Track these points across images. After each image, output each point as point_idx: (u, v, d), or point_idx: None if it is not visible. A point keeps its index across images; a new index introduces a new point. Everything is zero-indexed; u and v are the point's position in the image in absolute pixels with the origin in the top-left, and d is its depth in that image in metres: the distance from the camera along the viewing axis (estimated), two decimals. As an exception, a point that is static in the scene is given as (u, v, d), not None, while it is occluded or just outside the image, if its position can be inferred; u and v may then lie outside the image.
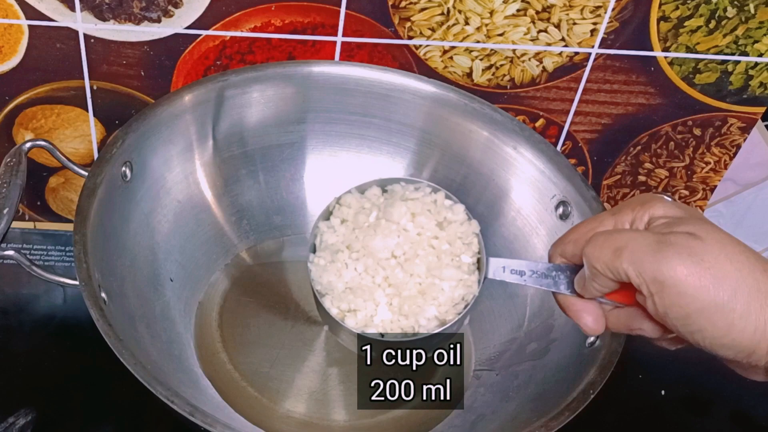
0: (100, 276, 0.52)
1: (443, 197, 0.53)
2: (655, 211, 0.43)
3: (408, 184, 0.54)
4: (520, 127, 0.66)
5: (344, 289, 0.52)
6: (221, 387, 0.60)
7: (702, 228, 0.40)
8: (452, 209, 0.52)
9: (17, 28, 0.66)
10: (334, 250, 0.52)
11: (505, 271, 0.50)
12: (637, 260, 0.40)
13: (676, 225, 0.41)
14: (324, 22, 0.68)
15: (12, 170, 0.56)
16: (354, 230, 0.53)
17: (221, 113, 0.66)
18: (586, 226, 0.46)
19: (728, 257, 0.39)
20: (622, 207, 0.45)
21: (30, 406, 0.61)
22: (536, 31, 0.70)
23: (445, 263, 0.51)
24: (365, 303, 0.51)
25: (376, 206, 0.53)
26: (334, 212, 0.54)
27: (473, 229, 0.52)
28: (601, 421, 0.65)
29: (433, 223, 0.52)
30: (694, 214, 0.43)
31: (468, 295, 0.51)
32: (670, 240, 0.40)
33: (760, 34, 0.71)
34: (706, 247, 0.39)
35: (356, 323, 0.51)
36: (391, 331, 0.51)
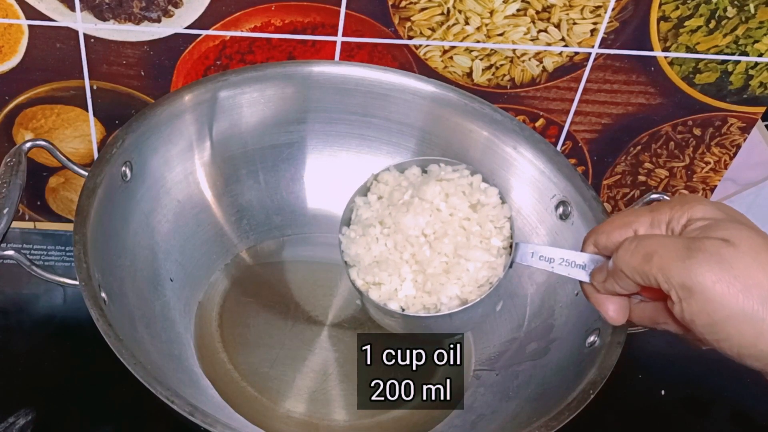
0: (100, 276, 0.52)
1: (480, 180, 0.53)
2: (695, 213, 0.43)
3: (447, 165, 0.54)
4: (520, 127, 0.66)
5: (371, 262, 0.52)
6: (221, 387, 0.60)
7: (738, 234, 0.40)
8: (486, 192, 0.52)
9: (17, 27, 0.66)
10: (366, 225, 0.53)
11: (533, 257, 0.49)
12: (666, 266, 0.40)
13: (713, 229, 0.41)
14: (324, 22, 0.68)
15: (12, 170, 0.56)
16: (388, 206, 0.53)
17: (221, 113, 0.66)
18: (622, 219, 0.45)
19: (761, 265, 0.39)
20: (661, 206, 0.44)
21: (30, 406, 0.61)
22: (536, 31, 0.70)
23: (473, 244, 0.51)
24: (390, 277, 0.52)
25: (413, 185, 0.53)
26: (371, 188, 0.55)
27: (505, 213, 0.52)
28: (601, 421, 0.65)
29: (466, 204, 0.52)
30: (734, 216, 0.42)
31: (493, 277, 0.50)
32: (701, 246, 0.40)
33: (760, 34, 0.71)
34: (738, 254, 0.39)
35: (380, 296, 0.52)
36: (413, 306, 0.51)
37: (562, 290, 0.62)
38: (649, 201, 0.65)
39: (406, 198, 0.53)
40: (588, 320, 0.58)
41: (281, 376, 0.61)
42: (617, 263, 0.43)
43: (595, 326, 0.57)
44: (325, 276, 0.68)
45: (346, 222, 0.54)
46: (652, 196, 0.65)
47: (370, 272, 0.52)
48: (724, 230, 0.40)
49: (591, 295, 0.47)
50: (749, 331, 0.39)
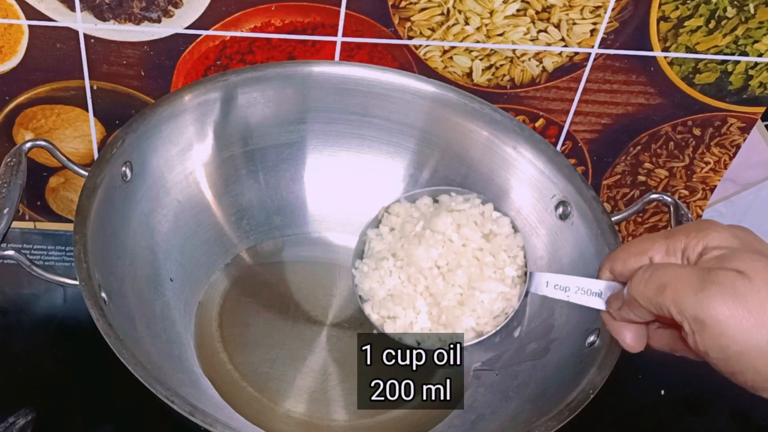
0: (100, 276, 0.52)
1: (491, 209, 0.53)
2: (710, 241, 0.42)
3: (458, 195, 0.54)
4: (520, 127, 0.66)
5: (385, 296, 0.52)
6: (221, 387, 0.60)
7: (754, 265, 0.39)
8: (498, 222, 0.52)
9: (17, 28, 0.66)
10: (379, 258, 0.53)
11: (548, 286, 0.49)
12: (680, 298, 0.40)
13: (728, 260, 0.40)
14: (324, 22, 0.68)
15: (12, 170, 0.56)
16: (400, 239, 0.53)
17: (221, 113, 0.66)
18: (638, 246, 0.45)
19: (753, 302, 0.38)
20: (677, 231, 0.44)
21: (30, 405, 0.61)
22: (536, 31, 0.70)
23: (487, 275, 0.51)
24: (405, 311, 0.52)
25: (424, 216, 0.53)
26: (383, 221, 0.55)
27: (518, 243, 0.52)
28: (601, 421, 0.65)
29: (479, 234, 0.52)
30: (751, 244, 0.41)
31: (508, 308, 0.50)
32: (714, 278, 0.39)
33: (759, 34, 0.71)
34: (752, 286, 0.38)
35: (395, 330, 0.52)
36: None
37: (562, 290, 0.62)
38: (648, 201, 0.65)
39: (417, 230, 0.52)
40: (588, 320, 0.58)
41: (281, 376, 0.61)
42: (632, 293, 0.43)
43: (595, 326, 0.57)
44: (325, 276, 0.68)
45: (359, 255, 0.54)
46: (651, 196, 0.65)
47: (385, 306, 0.52)
48: (740, 261, 0.40)
49: (608, 322, 0.46)
50: (763, 367, 0.38)
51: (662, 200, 0.65)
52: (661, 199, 0.65)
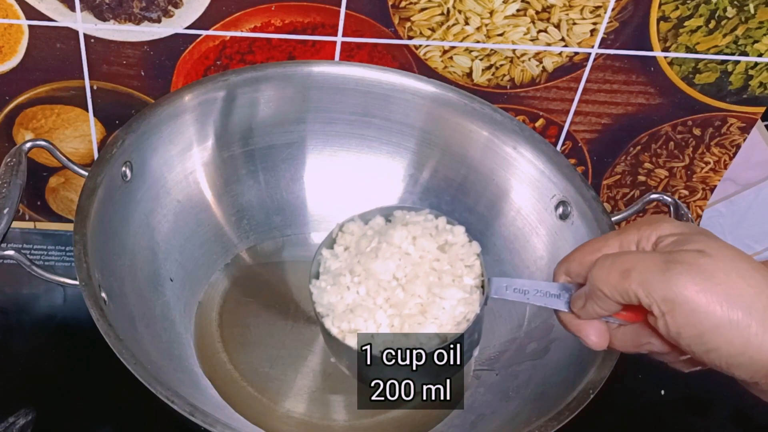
0: (100, 276, 0.52)
1: (444, 221, 0.53)
2: (662, 230, 0.43)
3: (410, 210, 0.53)
4: (520, 127, 0.66)
5: (345, 310, 0.52)
6: (221, 387, 0.60)
7: (711, 245, 0.40)
8: (453, 231, 0.52)
9: (17, 28, 0.66)
10: (336, 274, 0.52)
11: (507, 290, 0.49)
12: (646, 280, 0.40)
13: (684, 243, 0.41)
14: (324, 22, 0.68)
15: (12, 170, 0.56)
16: (356, 255, 0.53)
17: (221, 113, 0.66)
18: (592, 245, 0.45)
19: (739, 274, 0.39)
20: (627, 228, 0.44)
21: (30, 406, 0.61)
22: (536, 31, 0.70)
23: (446, 282, 0.51)
24: (366, 323, 0.51)
25: (378, 233, 0.53)
26: (337, 240, 0.54)
27: (474, 250, 0.52)
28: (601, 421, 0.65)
29: (434, 245, 0.52)
30: (702, 231, 0.42)
31: (470, 313, 0.50)
32: (678, 258, 0.39)
33: (759, 34, 0.71)
34: (716, 263, 0.39)
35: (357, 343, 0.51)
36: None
37: (562, 290, 0.62)
38: (648, 201, 0.65)
39: (373, 245, 0.52)
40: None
41: (281, 376, 0.61)
42: (595, 283, 0.42)
43: (595, 326, 0.57)
44: (325, 276, 0.68)
45: (315, 275, 0.54)
46: (651, 196, 0.65)
47: (345, 319, 0.51)
48: (697, 243, 0.40)
49: (569, 323, 0.46)
50: (737, 340, 0.38)
51: (662, 200, 0.65)
52: (661, 199, 0.65)
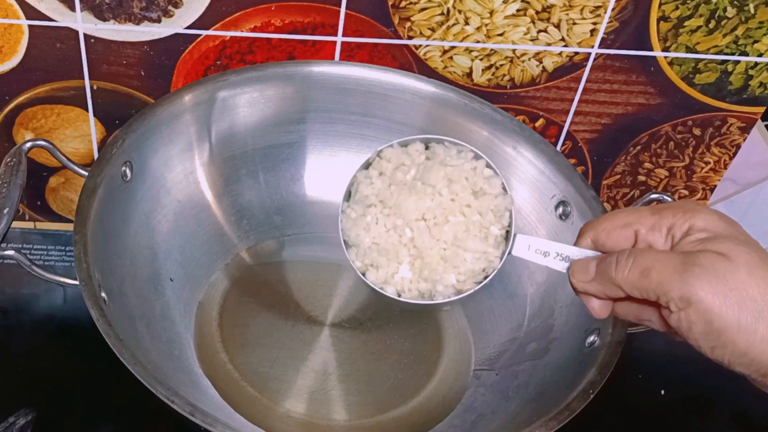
0: (100, 276, 0.52)
1: (483, 165, 0.52)
2: (697, 222, 0.43)
3: (452, 146, 0.53)
4: (520, 127, 0.66)
5: (370, 245, 0.52)
6: (221, 387, 0.60)
7: (735, 248, 0.41)
8: (489, 181, 0.52)
9: (17, 28, 0.66)
10: (366, 204, 0.52)
11: (530, 249, 0.50)
12: (665, 280, 0.41)
13: (711, 242, 0.42)
14: (324, 22, 0.68)
15: (12, 170, 0.56)
16: (390, 186, 0.53)
17: (221, 113, 0.66)
18: (623, 218, 0.46)
19: (755, 280, 0.40)
20: (664, 208, 0.45)
21: (30, 405, 0.61)
22: (536, 31, 0.70)
23: (472, 234, 0.51)
24: (388, 262, 0.52)
25: (416, 164, 0.53)
26: (373, 164, 0.54)
27: (507, 204, 0.52)
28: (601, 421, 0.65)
29: (469, 191, 0.52)
30: (734, 231, 0.43)
31: (489, 268, 0.51)
32: (696, 260, 0.41)
33: (759, 34, 0.71)
34: (733, 267, 0.40)
35: (377, 279, 0.52)
36: (408, 291, 0.52)
37: (562, 290, 0.62)
38: (648, 201, 0.65)
39: (408, 179, 0.52)
40: (588, 320, 0.58)
41: (281, 376, 0.61)
42: (616, 279, 0.43)
43: (595, 326, 0.57)
44: (325, 276, 0.68)
45: (347, 197, 0.54)
46: (651, 196, 0.65)
47: (369, 255, 0.52)
48: (722, 244, 0.41)
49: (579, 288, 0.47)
50: (742, 342, 0.40)
51: (662, 200, 0.65)
52: (661, 199, 0.65)
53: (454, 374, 0.64)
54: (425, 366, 0.64)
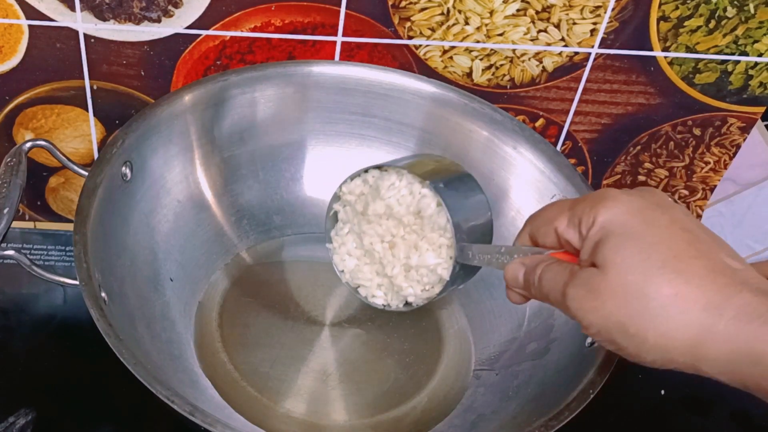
0: (100, 276, 0.52)
1: (419, 188, 0.58)
2: (598, 217, 0.43)
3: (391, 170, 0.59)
4: (520, 127, 0.66)
5: (353, 269, 0.63)
6: (221, 387, 0.60)
7: (614, 257, 0.41)
8: (422, 201, 0.57)
9: (17, 27, 0.66)
10: (343, 233, 0.62)
11: (473, 256, 0.54)
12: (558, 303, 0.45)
13: (600, 246, 0.42)
14: (324, 22, 0.68)
15: (12, 170, 0.56)
16: (355, 216, 0.61)
17: (221, 113, 0.66)
18: (548, 213, 0.47)
19: (624, 290, 0.41)
20: (580, 202, 0.45)
21: (30, 405, 0.61)
22: (536, 31, 0.70)
23: (424, 248, 0.58)
24: (367, 281, 0.62)
25: (368, 192, 0.60)
26: (341, 198, 0.62)
27: (441, 220, 0.56)
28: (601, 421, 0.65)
29: (411, 215, 0.58)
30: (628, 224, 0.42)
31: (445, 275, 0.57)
32: (575, 281, 0.43)
33: (759, 34, 0.71)
34: (605, 280, 0.41)
35: (365, 296, 0.63)
36: (390, 302, 0.62)
37: (562, 290, 0.62)
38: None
39: (362, 209, 0.60)
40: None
41: (281, 376, 0.61)
42: (533, 294, 0.47)
43: (595, 326, 0.57)
44: (325, 276, 0.68)
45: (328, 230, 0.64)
46: (651, 196, 0.65)
47: (354, 276, 0.63)
48: (605, 251, 0.42)
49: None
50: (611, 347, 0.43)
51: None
52: (661, 199, 0.65)
53: (454, 374, 0.64)
54: (425, 366, 0.64)
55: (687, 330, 0.40)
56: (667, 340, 0.40)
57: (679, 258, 0.40)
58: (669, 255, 0.40)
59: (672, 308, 0.40)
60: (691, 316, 0.39)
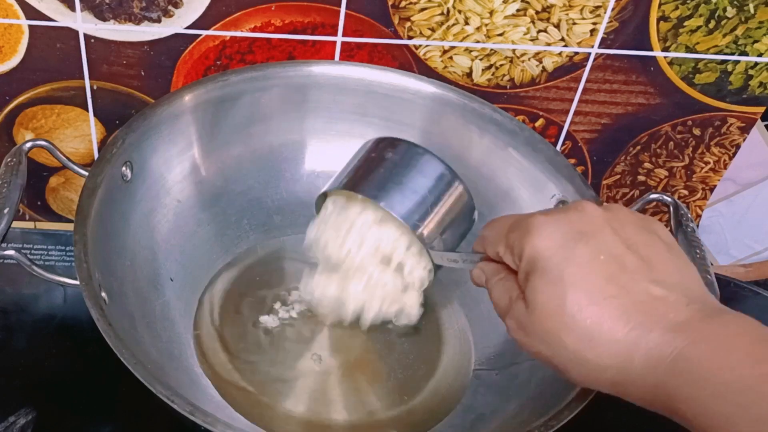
0: (100, 276, 0.52)
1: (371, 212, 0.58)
2: (525, 249, 0.44)
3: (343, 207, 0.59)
4: (519, 127, 0.66)
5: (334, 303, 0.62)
6: (221, 387, 0.60)
7: (535, 296, 0.43)
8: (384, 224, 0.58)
9: (17, 28, 0.66)
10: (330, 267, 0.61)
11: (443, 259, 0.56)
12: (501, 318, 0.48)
13: (530, 279, 0.44)
14: (324, 22, 0.69)
15: (12, 170, 0.56)
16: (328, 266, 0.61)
17: (221, 113, 0.66)
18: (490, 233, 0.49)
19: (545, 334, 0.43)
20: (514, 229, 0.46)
21: (30, 405, 0.61)
22: (536, 31, 0.70)
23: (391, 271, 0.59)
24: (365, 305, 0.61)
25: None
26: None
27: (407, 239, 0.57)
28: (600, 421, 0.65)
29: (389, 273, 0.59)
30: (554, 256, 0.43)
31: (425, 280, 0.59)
32: (510, 314, 0.46)
33: (759, 34, 0.71)
34: (532, 320, 0.43)
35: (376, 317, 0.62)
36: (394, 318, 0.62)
37: (561, 290, 0.62)
38: (648, 201, 0.65)
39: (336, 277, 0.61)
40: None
41: (281, 376, 0.61)
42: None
43: (594, 326, 0.57)
44: (325, 276, 0.68)
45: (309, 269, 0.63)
46: (651, 196, 0.65)
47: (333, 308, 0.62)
48: (529, 287, 0.44)
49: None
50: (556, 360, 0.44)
51: (662, 200, 0.65)
52: (661, 199, 0.65)
53: (454, 374, 0.64)
54: (425, 366, 0.64)
55: (604, 372, 0.42)
56: (589, 380, 0.43)
57: (594, 301, 0.41)
58: (584, 301, 0.41)
59: (588, 353, 0.41)
60: (605, 360, 0.41)
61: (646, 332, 0.40)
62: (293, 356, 0.63)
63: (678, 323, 0.40)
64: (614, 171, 0.81)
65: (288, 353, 0.63)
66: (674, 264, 0.43)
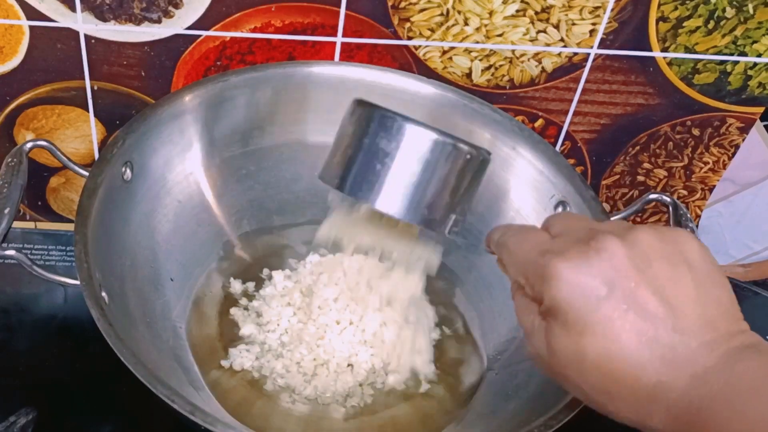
0: (100, 276, 0.53)
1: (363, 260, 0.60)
2: (545, 293, 0.42)
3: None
4: (519, 127, 0.67)
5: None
6: (221, 387, 0.60)
7: (555, 343, 0.42)
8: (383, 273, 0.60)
9: (18, 28, 0.66)
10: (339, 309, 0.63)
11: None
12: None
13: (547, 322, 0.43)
14: (324, 23, 0.69)
15: (13, 170, 0.56)
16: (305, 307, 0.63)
17: (221, 113, 0.66)
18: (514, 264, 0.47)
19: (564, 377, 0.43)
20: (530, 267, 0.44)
21: (31, 405, 0.61)
22: (535, 32, 0.70)
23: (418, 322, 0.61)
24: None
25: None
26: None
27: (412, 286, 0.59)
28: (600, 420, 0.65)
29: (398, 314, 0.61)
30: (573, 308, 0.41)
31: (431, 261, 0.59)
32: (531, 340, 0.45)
33: (758, 35, 0.71)
34: (549, 365, 0.44)
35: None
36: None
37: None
38: (647, 201, 0.65)
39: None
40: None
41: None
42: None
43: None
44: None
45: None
46: (650, 196, 0.65)
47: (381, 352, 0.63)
48: (549, 332, 0.43)
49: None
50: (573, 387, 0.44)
51: (661, 200, 0.65)
52: (660, 199, 0.65)
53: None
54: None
55: (624, 420, 0.43)
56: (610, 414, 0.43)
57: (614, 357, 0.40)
58: (603, 356, 0.40)
59: (607, 405, 0.43)
60: (624, 414, 0.42)
61: (666, 390, 0.39)
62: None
63: (700, 375, 0.39)
64: (613, 171, 0.81)
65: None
66: (701, 299, 0.40)
